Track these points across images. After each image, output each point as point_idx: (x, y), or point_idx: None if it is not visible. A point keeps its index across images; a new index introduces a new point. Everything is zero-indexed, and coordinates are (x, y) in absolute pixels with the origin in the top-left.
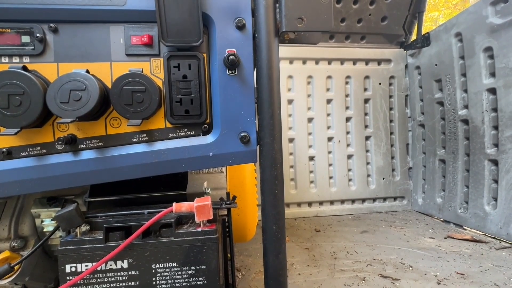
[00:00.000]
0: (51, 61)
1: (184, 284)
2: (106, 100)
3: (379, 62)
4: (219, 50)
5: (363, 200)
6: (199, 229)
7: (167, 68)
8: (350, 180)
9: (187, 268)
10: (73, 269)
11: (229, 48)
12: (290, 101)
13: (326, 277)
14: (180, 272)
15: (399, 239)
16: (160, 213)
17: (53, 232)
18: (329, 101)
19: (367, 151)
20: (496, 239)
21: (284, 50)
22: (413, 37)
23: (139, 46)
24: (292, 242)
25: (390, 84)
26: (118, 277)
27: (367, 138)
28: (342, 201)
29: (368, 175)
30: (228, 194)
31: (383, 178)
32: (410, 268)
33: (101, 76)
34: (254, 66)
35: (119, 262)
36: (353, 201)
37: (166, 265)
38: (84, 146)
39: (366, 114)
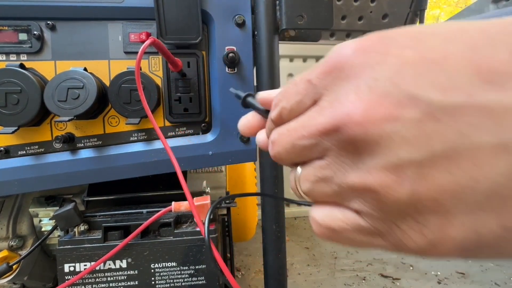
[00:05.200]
0: (48, 59)
1: (183, 283)
2: (104, 99)
3: None
4: (218, 48)
5: None
6: (198, 229)
7: (165, 66)
8: None
9: (187, 267)
10: (72, 268)
11: (229, 45)
12: None
13: (326, 276)
14: (179, 272)
15: None
16: (159, 212)
17: (51, 231)
18: None
19: None
20: None
21: (285, 48)
22: None
23: (137, 43)
24: (292, 241)
25: None
26: (117, 277)
27: None
28: None
29: None
30: (227, 193)
31: None
32: (411, 268)
33: (99, 74)
34: (254, 64)
35: (117, 262)
36: None
37: (165, 264)
38: (82, 145)
39: None
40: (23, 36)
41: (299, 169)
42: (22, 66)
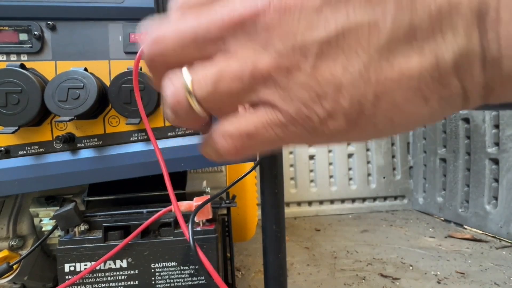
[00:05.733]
0: (49, 59)
1: (183, 283)
2: (105, 99)
3: None
4: None
5: (364, 199)
6: (198, 229)
7: None
8: (350, 179)
9: (187, 267)
10: (72, 268)
11: None
12: None
13: (326, 276)
14: (179, 272)
15: (399, 238)
16: (159, 212)
17: (51, 231)
18: None
19: (367, 150)
20: (497, 238)
21: None
22: None
23: (137, 43)
24: (292, 241)
25: None
26: (117, 277)
27: None
28: (343, 200)
29: (369, 174)
30: (227, 193)
31: (384, 177)
32: (411, 268)
33: (100, 74)
34: None
35: (118, 262)
36: (353, 200)
37: (165, 264)
38: (83, 145)
39: None
40: (23, 36)
41: (185, 71)
42: (22, 66)
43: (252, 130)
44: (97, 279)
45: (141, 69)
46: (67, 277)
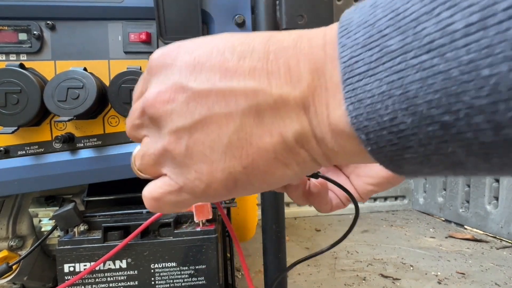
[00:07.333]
0: (48, 59)
1: (183, 284)
2: (104, 98)
3: None
4: None
5: None
6: (198, 229)
7: None
8: None
9: (186, 268)
10: (72, 268)
11: None
12: None
13: (326, 276)
14: (179, 272)
15: (399, 239)
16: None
17: (51, 231)
18: None
19: None
20: (497, 238)
21: None
22: None
23: (137, 43)
24: (292, 241)
25: None
26: (117, 277)
27: None
28: None
29: None
30: None
31: None
32: (411, 268)
33: (99, 74)
34: None
35: (117, 262)
36: None
37: (165, 264)
38: (82, 145)
39: None
40: (23, 36)
41: (134, 150)
42: (22, 66)
43: (157, 196)
44: (97, 280)
45: (140, 69)
46: (66, 278)
